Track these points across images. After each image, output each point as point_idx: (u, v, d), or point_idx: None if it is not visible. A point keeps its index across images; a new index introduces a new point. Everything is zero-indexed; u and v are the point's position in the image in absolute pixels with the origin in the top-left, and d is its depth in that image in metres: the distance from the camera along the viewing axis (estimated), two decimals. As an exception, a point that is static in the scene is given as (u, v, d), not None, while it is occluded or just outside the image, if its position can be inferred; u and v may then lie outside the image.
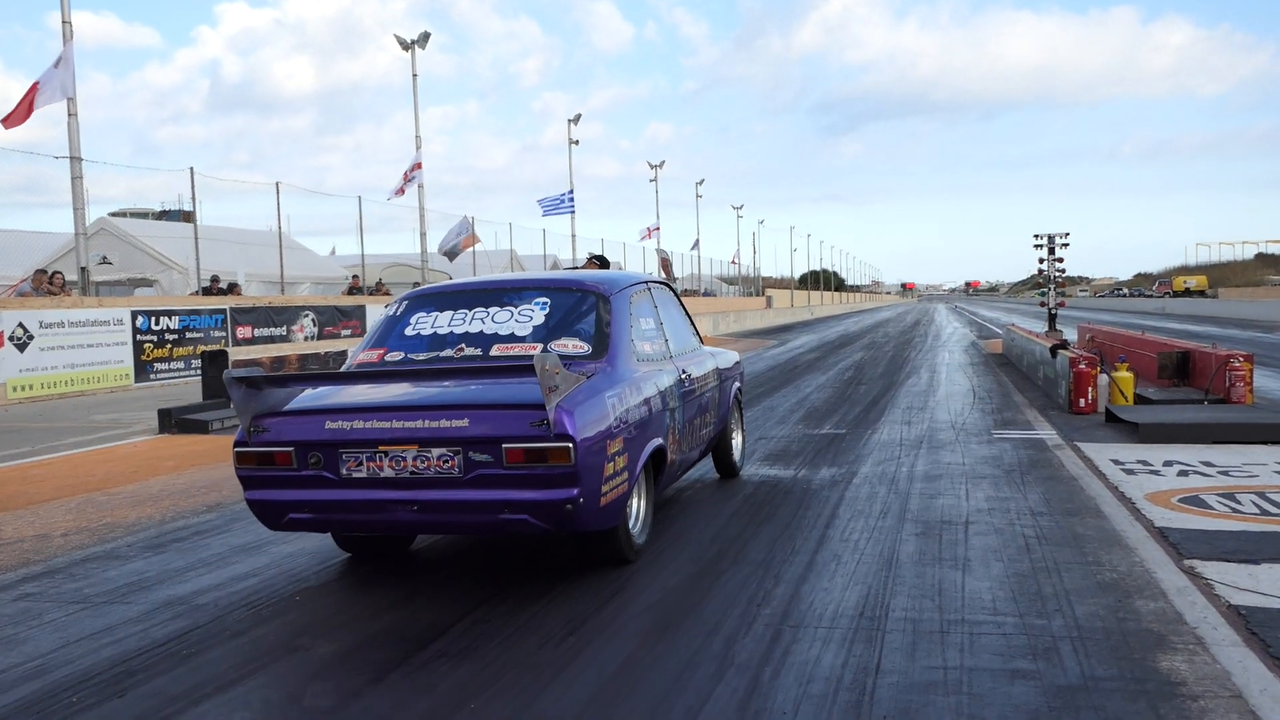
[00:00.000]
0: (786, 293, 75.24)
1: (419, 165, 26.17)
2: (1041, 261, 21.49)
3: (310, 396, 5.11)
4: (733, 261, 64.04)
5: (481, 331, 5.52)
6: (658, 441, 5.49)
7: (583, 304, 5.66)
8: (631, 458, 5.10)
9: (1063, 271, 21.53)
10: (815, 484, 7.32)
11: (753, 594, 4.66)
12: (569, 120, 38.17)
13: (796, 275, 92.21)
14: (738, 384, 7.82)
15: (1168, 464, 7.59)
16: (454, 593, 4.86)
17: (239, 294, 21.61)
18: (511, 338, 5.45)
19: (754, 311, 52.52)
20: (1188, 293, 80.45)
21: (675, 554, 5.44)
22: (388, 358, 5.57)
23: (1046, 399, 12.45)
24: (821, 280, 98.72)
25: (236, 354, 13.29)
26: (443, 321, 5.67)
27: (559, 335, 5.44)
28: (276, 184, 23.23)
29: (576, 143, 37.63)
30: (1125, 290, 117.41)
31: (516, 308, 5.63)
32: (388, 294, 25.61)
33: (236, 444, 4.91)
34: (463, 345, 5.47)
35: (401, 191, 25.42)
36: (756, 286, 70.48)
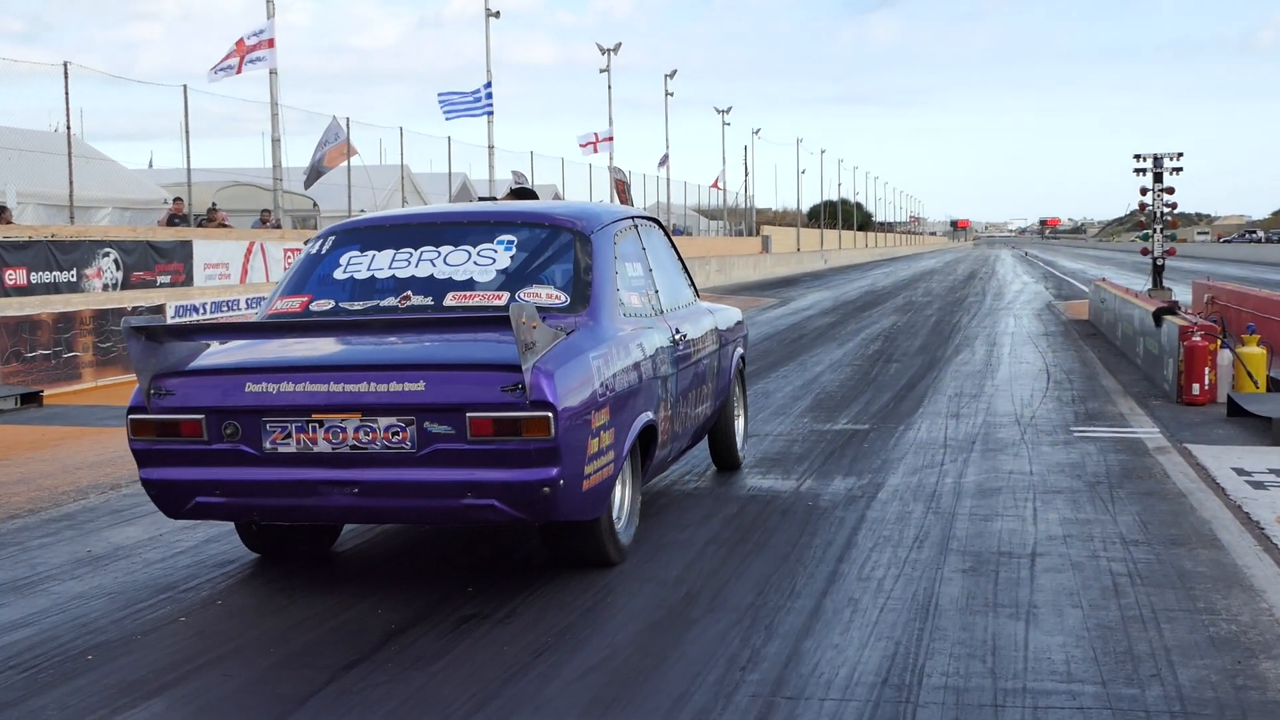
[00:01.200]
0: (790, 232, 75.55)
1: (270, 42, 25.81)
2: (1144, 193, 21.75)
3: (224, 352, 5.60)
4: (715, 186, 64.10)
5: (432, 276, 6.02)
6: (648, 416, 6.03)
7: (556, 243, 6.19)
8: (619, 435, 5.62)
9: (1173, 207, 21.84)
10: (825, 500, 7.39)
11: (735, 652, 4.71)
12: (486, -18, 37.83)
13: (805, 208, 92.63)
14: (740, 350, 8.38)
15: (1310, 475, 7.74)
16: (312, 648, 4.85)
17: (8, 221, 21.28)
18: (470, 284, 5.96)
19: (745, 257, 52.68)
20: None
21: (628, 596, 5.47)
22: (313, 306, 6.04)
23: (1147, 383, 12.64)
24: (840, 215, 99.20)
25: (3, 307, 13.11)
26: (381, 262, 6.16)
27: (529, 282, 5.98)
28: (65, 65, 22.82)
29: (496, 15, 37.31)
30: (1260, 234, 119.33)
31: (475, 247, 6.13)
32: (224, 224, 25.34)
33: (131, 409, 5.37)
34: (409, 293, 5.97)
35: (225, 70, 24.84)
36: (749, 223, 70.69)
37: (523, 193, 8.56)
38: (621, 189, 46.14)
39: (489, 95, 35.11)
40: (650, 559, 6.07)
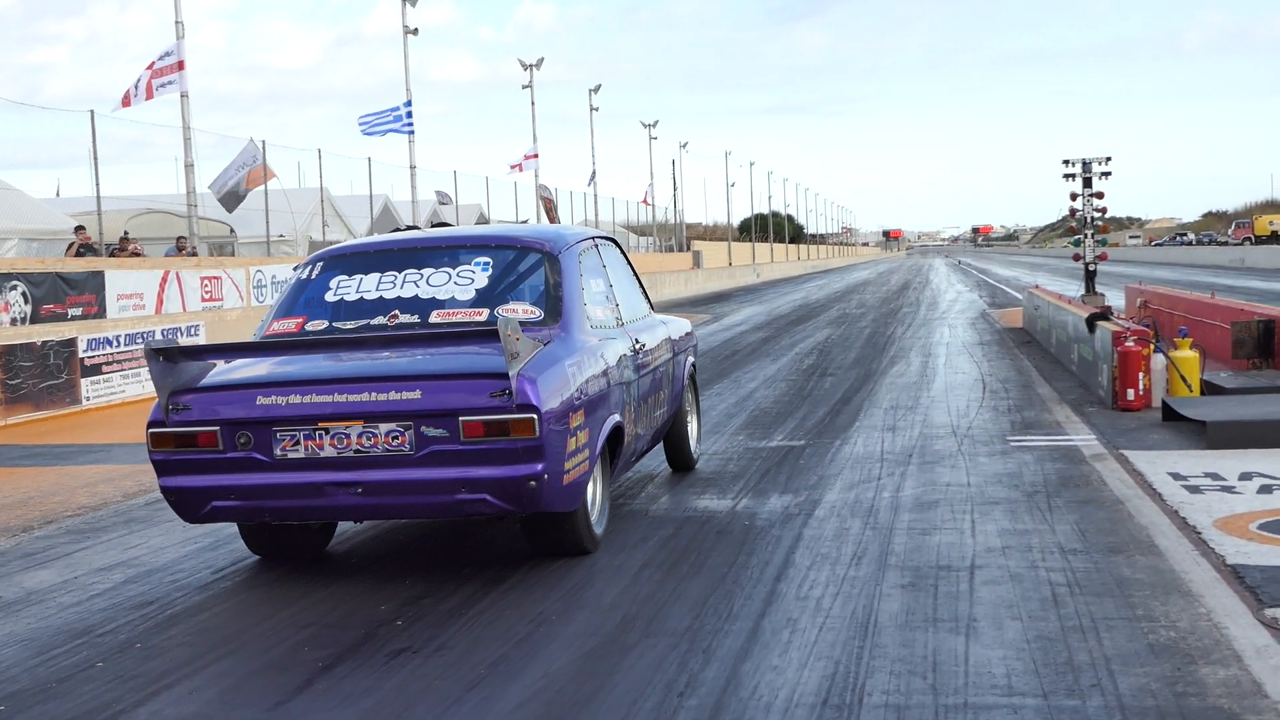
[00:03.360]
0: (722, 246, 75.90)
1: (180, 65, 25.57)
2: (1075, 198, 22.04)
3: (234, 369, 6.32)
4: (644, 202, 64.29)
5: (416, 296, 6.79)
6: (616, 419, 6.80)
7: (527, 263, 7.00)
8: (592, 434, 6.38)
9: (1103, 212, 22.13)
10: (761, 519, 7.42)
11: (672, 678, 4.71)
12: (403, -2, 37.72)
13: (736, 222, 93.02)
14: (691, 358, 9.16)
15: (1246, 477, 7.89)
16: (237, 689, 4.80)
17: (-90, 257, 20.87)
18: (452, 302, 6.74)
19: (676, 274, 52.83)
20: (1275, 237, 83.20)
21: (563, 623, 5.46)
22: (309, 327, 6.77)
23: (1082, 390, 12.80)
24: (771, 228, 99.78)
25: (-93, 347, 12.85)
26: (369, 285, 6.90)
27: (505, 299, 6.78)
28: (-36, 93, 22.48)
29: (415, 31, 37.22)
30: (1190, 236, 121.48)
31: (454, 269, 6.91)
32: (137, 253, 25.05)
33: (151, 424, 6.04)
34: (396, 312, 6.72)
35: (135, 97, 24.52)
36: (679, 238, 70.93)
37: (439, 225, 8.77)
38: (549, 207, 46.10)
39: (409, 114, 34.97)
40: (585, 584, 6.07)
